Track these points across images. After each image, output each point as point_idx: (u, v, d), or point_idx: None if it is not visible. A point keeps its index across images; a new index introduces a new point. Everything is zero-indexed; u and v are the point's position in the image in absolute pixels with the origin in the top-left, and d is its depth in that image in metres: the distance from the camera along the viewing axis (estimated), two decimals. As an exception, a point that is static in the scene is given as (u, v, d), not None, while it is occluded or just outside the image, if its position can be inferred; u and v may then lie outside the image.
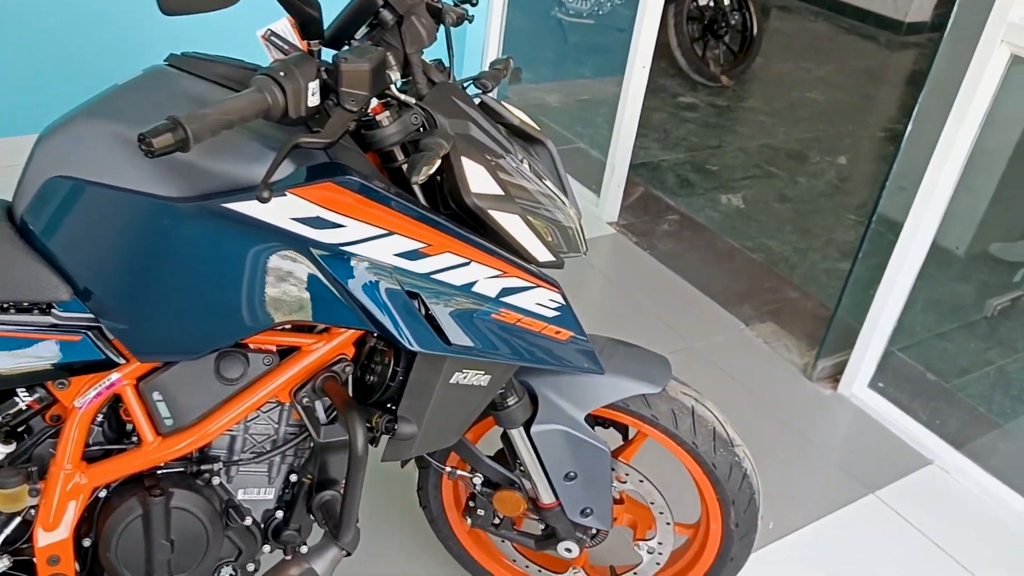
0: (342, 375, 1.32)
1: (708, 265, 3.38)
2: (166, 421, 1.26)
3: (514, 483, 1.61)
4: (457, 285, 1.24)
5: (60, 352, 1.19)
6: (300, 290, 1.19)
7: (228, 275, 1.18)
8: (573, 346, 1.39)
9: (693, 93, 5.17)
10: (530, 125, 1.47)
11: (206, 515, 1.31)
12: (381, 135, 1.22)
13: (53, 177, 1.15)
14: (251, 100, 1.03)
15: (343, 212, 1.15)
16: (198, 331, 1.21)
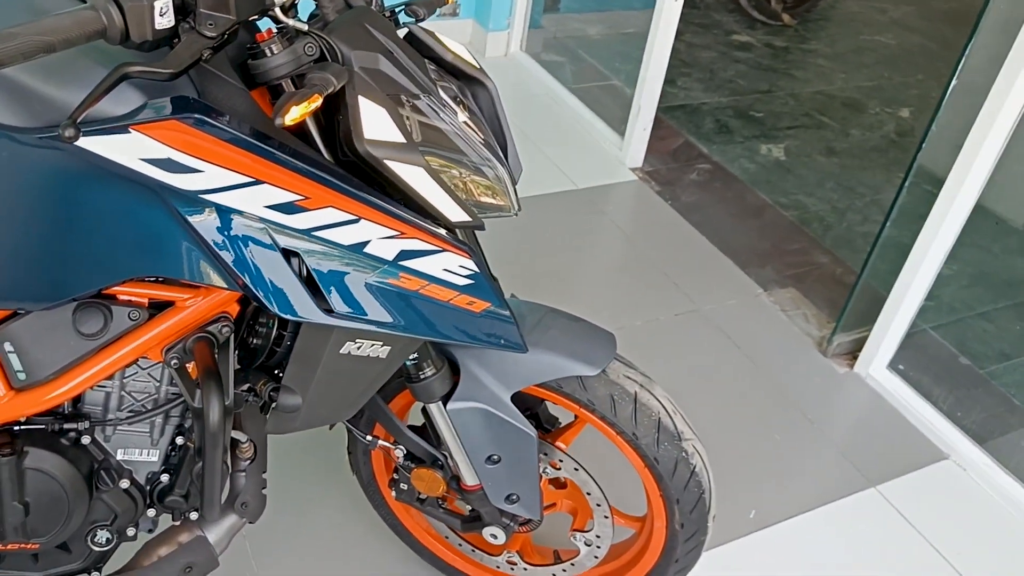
0: (220, 336, 1.18)
1: (733, 220, 3.14)
2: (19, 375, 1.14)
3: (437, 460, 1.46)
4: (345, 245, 1.08)
5: None
6: (156, 240, 1.04)
7: (76, 218, 1.04)
8: (489, 320, 1.21)
9: (750, 31, 4.81)
10: (467, 62, 1.28)
11: (66, 477, 1.20)
12: (266, 66, 1.04)
13: None
14: (79, 19, 0.86)
15: (199, 155, 0.99)
16: (47, 278, 1.07)
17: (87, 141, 0.98)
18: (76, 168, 1.01)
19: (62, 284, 1.08)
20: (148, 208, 1.03)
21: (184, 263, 1.06)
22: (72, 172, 1.01)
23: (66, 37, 0.85)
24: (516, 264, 2.68)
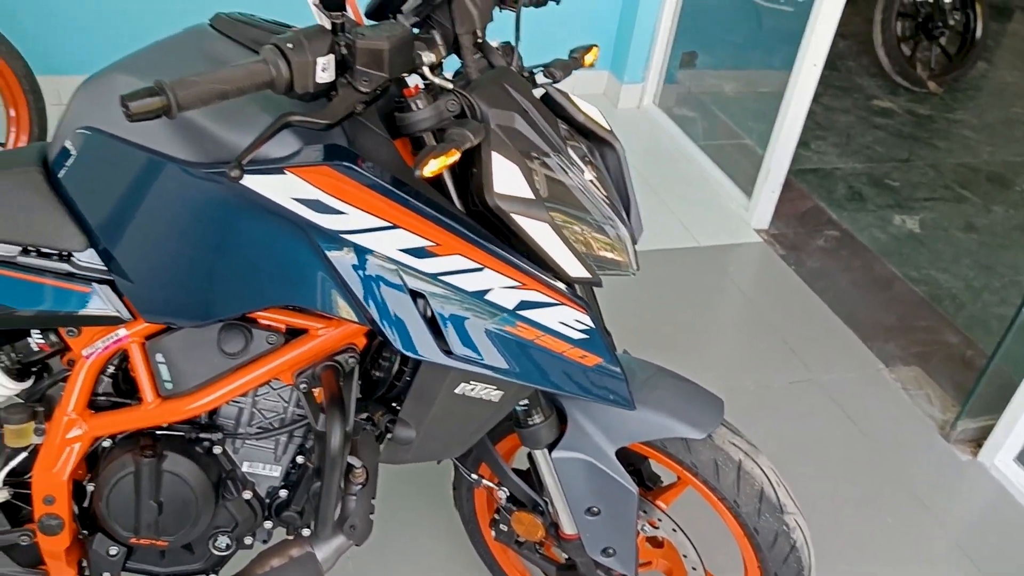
0: (346, 366, 1.26)
1: (859, 291, 3.06)
2: (166, 384, 1.25)
3: (538, 505, 1.49)
4: (468, 291, 1.14)
5: (72, 301, 1.19)
6: (298, 273, 1.13)
7: (231, 248, 1.14)
8: (600, 374, 1.24)
9: (892, 97, 4.70)
10: (598, 123, 1.33)
11: (197, 483, 1.30)
12: (411, 119, 1.13)
13: (82, 127, 1.15)
14: (251, 71, 0.96)
15: (344, 199, 1.08)
16: (200, 299, 1.18)
17: (247, 179, 1.09)
18: (233, 201, 1.11)
19: (213, 305, 1.18)
20: (294, 243, 1.12)
21: (321, 296, 1.14)
22: (230, 205, 1.12)
23: (239, 86, 0.96)
24: (632, 316, 2.70)
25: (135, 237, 1.16)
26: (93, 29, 3.31)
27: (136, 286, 1.18)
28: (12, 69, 2.65)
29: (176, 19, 3.36)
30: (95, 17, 3.29)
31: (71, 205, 1.18)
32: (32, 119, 2.73)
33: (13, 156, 1.22)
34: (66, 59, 3.31)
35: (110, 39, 3.34)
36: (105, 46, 3.34)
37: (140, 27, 3.35)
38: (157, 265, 1.17)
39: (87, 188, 1.17)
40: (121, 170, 1.14)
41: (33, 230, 1.17)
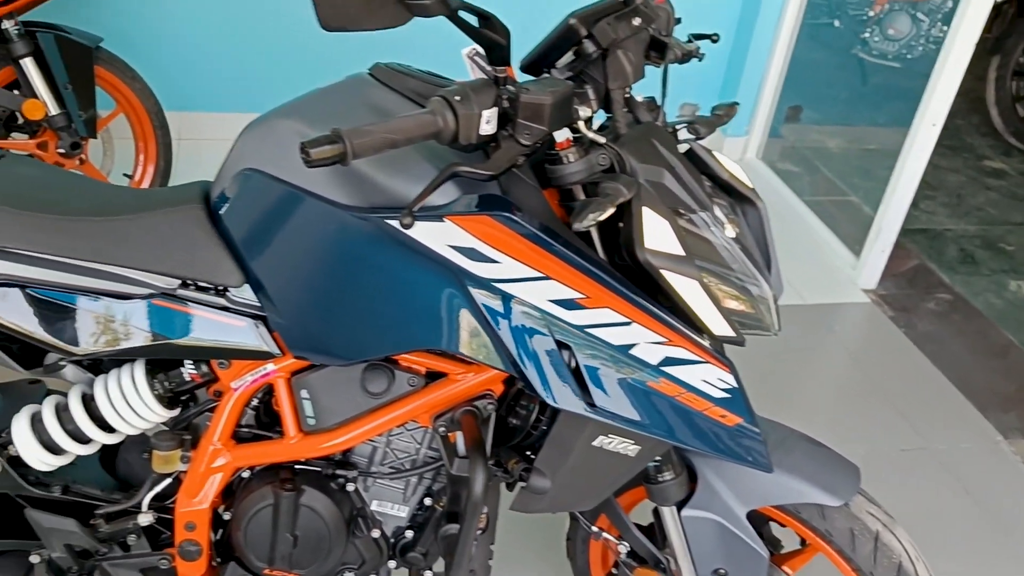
0: (484, 411, 1.27)
1: (973, 358, 2.95)
2: (309, 420, 1.28)
3: (659, 562, 1.47)
4: (614, 344, 1.14)
5: (226, 334, 1.24)
6: (448, 318, 1.15)
7: (382, 290, 1.17)
8: (739, 435, 1.22)
9: (1004, 158, 4.56)
10: (741, 181, 1.33)
11: (332, 519, 1.32)
12: (562, 172, 1.15)
13: (246, 168, 1.20)
14: (420, 122, 1.00)
15: (499, 248, 1.10)
16: (349, 339, 1.21)
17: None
18: (389, 246, 1.14)
19: (362, 346, 1.21)
20: (445, 289, 1.14)
21: (468, 342, 1.15)
22: (385, 249, 1.14)
23: (408, 136, 0.99)
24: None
25: (291, 276, 1.20)
26: (220, 68, 3.47)
27: (288, 324, 1.22)
28: (144, 105, 2.80)
29: (297, 58, 3.51)
30: (222, 56, 3.46)
31: (230, 242, 1.23)
32: (159, 153, 2.86)
33: (177, 193, 1.28)
34: (193, 96, 3.48)
35: (236, 78, 3.50)
36: (231, 85, 3.50)
37: (262, 66, 3.50)
38: (310, 304, 1.20)
39: (247, 227, 1.21)
40: (281, 211, 1.18)
41: (194, 265, 1.22)
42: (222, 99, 3.52)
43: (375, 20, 0.97)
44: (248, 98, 3.54)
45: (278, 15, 3.40)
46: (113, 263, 1.21)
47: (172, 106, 3.10)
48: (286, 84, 3.53)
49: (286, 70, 3.53)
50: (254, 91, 3.54)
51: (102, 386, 1.29)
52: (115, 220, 1.21)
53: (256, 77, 3.53)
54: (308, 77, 3.52)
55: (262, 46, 3.46)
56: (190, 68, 3.44)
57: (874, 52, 4.78)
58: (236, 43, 3.43)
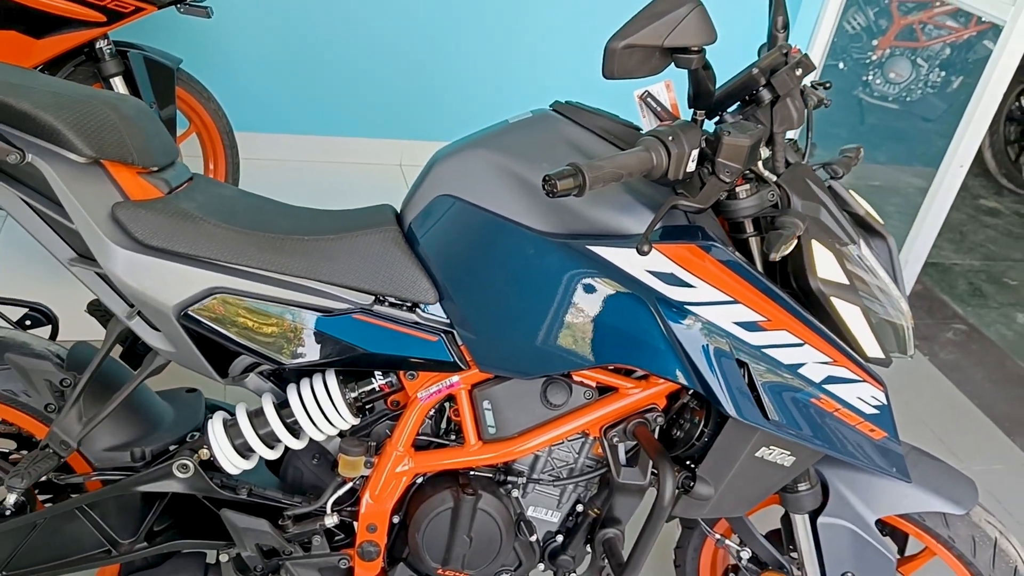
0: (652, 423, 1.38)
1: (994, 385, 3.13)
2: (489, 429, 1.38)
3: (783, 567, 1.59)
4: (785, 363, 1.26)
5: (416, 347, 1.33)
6: (638, 337, 1.26)
7: (574, 311, 1.27)
8: (884, 448, 1.36)
9: (997, 197, 4.82)
10: (874, 217, 1.47)
11: (504, 522, 1.41)
12: (737, 206, 1.27)
13: (443, 195, 1.30)
14: (640, 159, 1.11)
15: (697, 273, 1.22)
16: (537, 355, 1.31)
17: (605, 251, 1.23)
18: (583, 269, 1.25)
19: (548, 361, 1.31)
20: (636, 310, 1.25)
21: (654, 359, 1.27)
22: (579, 272, 1.25)
23: (630, 172, 1.11)
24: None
25: (483, 295, 1.30)
26: (284, 91, 3.57)
27: (478, 339, 1.32)
28: (216, 125, 2.87)
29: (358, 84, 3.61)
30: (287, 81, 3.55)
31: (425, 262, 1.33)
32: (228, 172, 2.93)
33: (370, 215, 1.38)
34: (260, 118, 3.57)
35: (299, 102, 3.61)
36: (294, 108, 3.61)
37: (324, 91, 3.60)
38: (501, 322, 1.30)
39: (444, 248, 1.31)
40: (478, 235, 1.29)
41: (390, 282, 1.32)
42: (286, 121, 3.61)
43: (643, 70, 1.09)
44: (309, 121, 3.64)
45: (335, 44, 3.51)
46: (320, 279, 1.30)
47: (242, 127, 3.18)
48: (341, 109, 3.64)
49: (347, 95, 3.64)
50: (315, 115, 3.64)
51: (295, 393, 1.37)
52: (322, 240, 1.31)
53: (319, 101, 3.63)
54: (359, 103, 3.64)
55: (325, 71, 3.57)
56: (256, 90, 3.53)
57: (876, 95, 5.03)
58: (300, 67, 3.53)
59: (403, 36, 3.55)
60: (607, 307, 1.26)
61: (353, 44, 3.52)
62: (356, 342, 1.32)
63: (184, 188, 1.38)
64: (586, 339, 1.28)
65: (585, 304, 1.27)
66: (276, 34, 3.43)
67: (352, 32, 3.50)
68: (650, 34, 1.05)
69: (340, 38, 3.50)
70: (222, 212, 1.33)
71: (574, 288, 1.27)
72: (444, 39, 3.60)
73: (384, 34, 3.53)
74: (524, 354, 1.31)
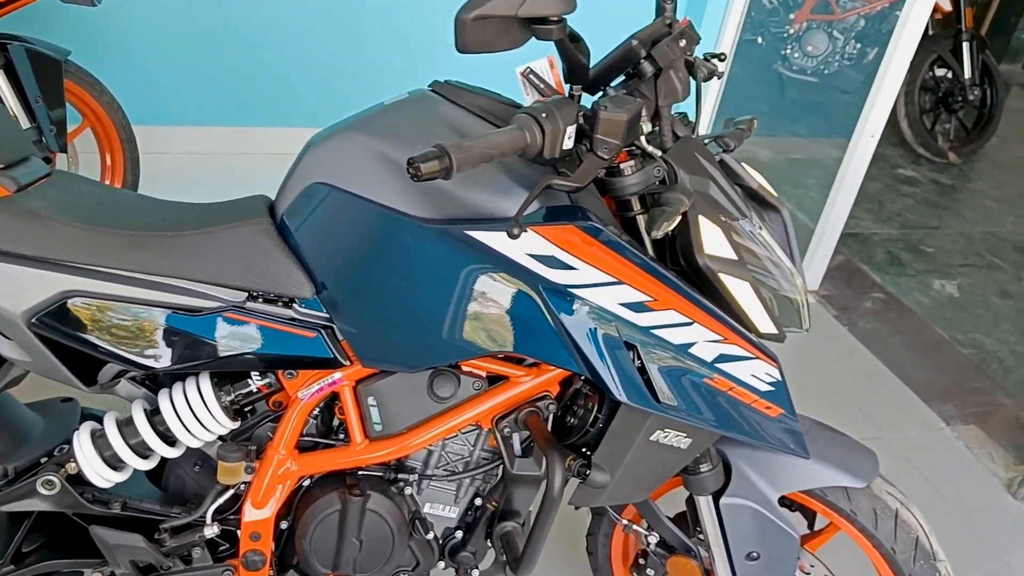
0: (544, 412, 1.33)
1: (911, 352, 3.18)
2: (375, 426, 1.32)
3: (690, 550, 1.56)
4: (675, 344, 1.23)
5: (294, 345, 1.26)
6: (523, 324, 1.21)
7: (457, 299, 1.22)
8: (781, 424, 1.33)
9: (915, 166, 4.90)
10: (767, 190, 1.44)
11: (396, 522, 1.35)
12: (622, 183, 1.22)
13: (316, 183, 1.23)
14: (512, 137, 1.06)
15: (577, 255, 1.17)
16: (421, 347, 1.25)
17: (483, 235, 1.18)
18: (463, 256, 1.19)
19: (434, 353, 1.25)
20: (519, 295, 1.20)
21: (541, 345, 1.22)
22: (459, 259, 1.20)
23: (502, 151, 1.05)
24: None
25: (362, 287, 1.24)
26: (185, 82, 3.42)
27: (359, 333, 1.25)
28: (111, 119, 2.74)
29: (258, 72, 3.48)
30: (187, 71, 3.40)
31: (299, 255, 1.26)
32: (127, 167, 2.81)
33: (241, 207, 1.30)
34: (160, 110, 3.42)
35: (200, 92, 3.46)
36: (195, 98, 3.45)
37: (225, 80, 3.47)
38: (382, 314, 1.24)
39: (318, 239, 1.25)
40: (353, 224, 1.22)
41: (265, 277, 1.25)
42: (190, 113, 3.46)
43: (501, 43, 1.03)
44: (215, 112, 3.50)
45: (239, 29, 3.38)
46: (186, 277, 1.23)
47: (140, 120, 3.04)
48: (241, 99, 3.51)
49: (254, 83, 3.50)
50: (221, 104, 3.50)
51: (167, 399, 1.29)
52: (187, 235, 1.23)
53: (224, 90, 3.49)
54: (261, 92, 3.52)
55: (229, 58, 3.43)
56: (156, 81, 3.38)
57: (795, 68, 5.06)
58: (201, 55, 3.39)
59: (311, 17, 3.43)
60: (490, 294, 1.21)
61: (257, 28, 3.39)
62: (228, 342, 1.25)
63: (38, 186, 1.29)
64: (470, 328, 1.23)
65: (467, 291, 1.21)
66: (174, 20, 3.29)
67: (255, 15, 3.37)
68: (503, 4, 0.99)
69: (243, 22, 3.37)
70: (78, 210, 1.24)
71: (455, 275, 1.21)
72: (350, 20, 3.49)
73: (291, 16, 3.40)
74: (407, 346, 1.26)
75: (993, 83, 5.05)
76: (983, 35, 5.15)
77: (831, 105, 5.18)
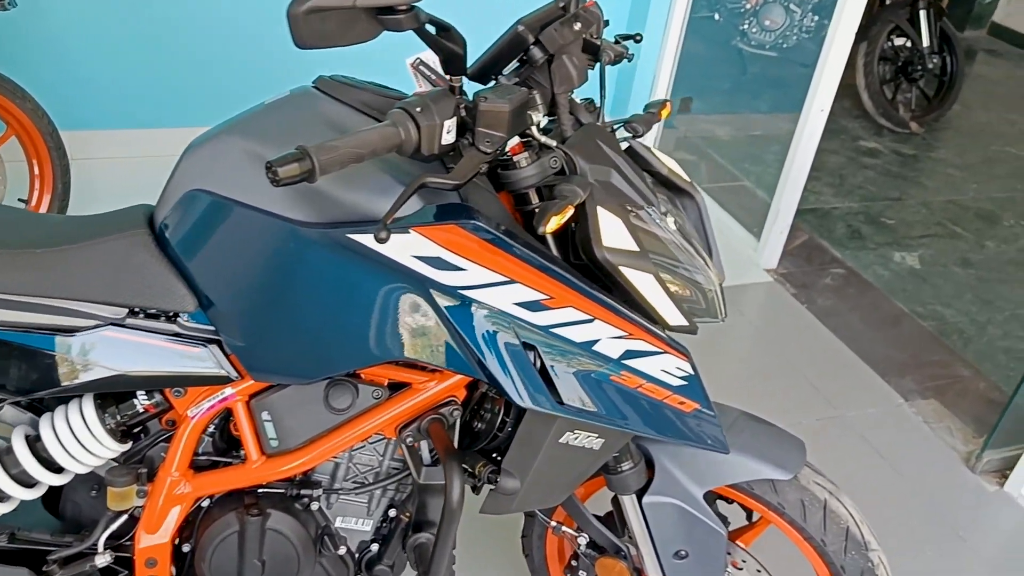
0: (449, 418, 1.28)
1: (870, 328, 3.14)
2: (271, 442, 1.26)
3: (620, 550, 1.51)
4: (577, 342, 1.17)
5: (180, 361, 1.20)
6: (414, 329, 1.15)
7: (345, 305, 1.16)
8: (697, 419, 1.28)
9: (877, 138, 4.86)
10: (679, 175, 1.38)
11: (300, 540, 1.30)
12: (517, 176, 1.16)
13: (193, 189, 1.17)
14: (383, 134, 1.00)
15: (465, 255, 1.11)
16: (312, 357, 1.19)
17: (366, 239, 1.11)
18: (349, 260, 1.13)
19: (325, 363, 1.19)
20: (410, 299, 1.14)
21: (436, 351, 1.16)
22: (345, 264, 1.14)
23: (373, 149, 0.99)
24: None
25: (246, 297, 1.18)
26: (116, 84, 3.32)
27: (246, 346, 1.19)
28: (36, 126, 2.65)
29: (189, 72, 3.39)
30: (118, 72, 3.30)
31: (180, 266, 1.19)
32: (56, 175, 2.72)
33: (118, 218, 1.23)
34: (90, 114, 3.32)
35: (128, 94, 3.35)
36: (124, 101, 3.35)
37: (163, 81, 3.37)
38: (269, 325, 1.18)
39: (199, 250, 1.18)
40: (233, 231, 1.16)
41: (143, 292, 1.18)
42: (121, 116, 3.36)
43: (348, 36, 0.96)
44: (148, 114, 3.40)
45: (169, 27, 3.28)
46: (58, 296, 1.16)
47: (70, 125, 2.95)
48: (179, 98, 3.42)
49: (178, 84, 3.40)
50: (154, 106, 3.40)
51: (48, 425, 1.23)
52: (57, 251, 1.16)
53: (153, 92, 3.39)
54: (200, 91, 3.42)
55: (153, 61, 3.33)
56: (85, 86, 3.28)
57: (753, 43, 5.00)
58: (126, 59, 3.29)
59: (244, 15, 3.34)
60: (379, 298, 1.15)
61: (189, 25, 3.29)
62: (108, 361, 1.19)
63: None
64: (361, 335, 1.17)
65: (355, 297, 1.15)
66: (97, 21, 3.18)
67: (185, 13, 3.27)
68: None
69: (172, 20, 3.26)
70: None
71: (340, 281, 1.15)
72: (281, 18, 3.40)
73: (223, 14, 3.31)
74: (296, 357, 1.20)
75: (953, 50, 5.01)
76: (940, 2, 5.10)
77: (790, 79, 5.10)
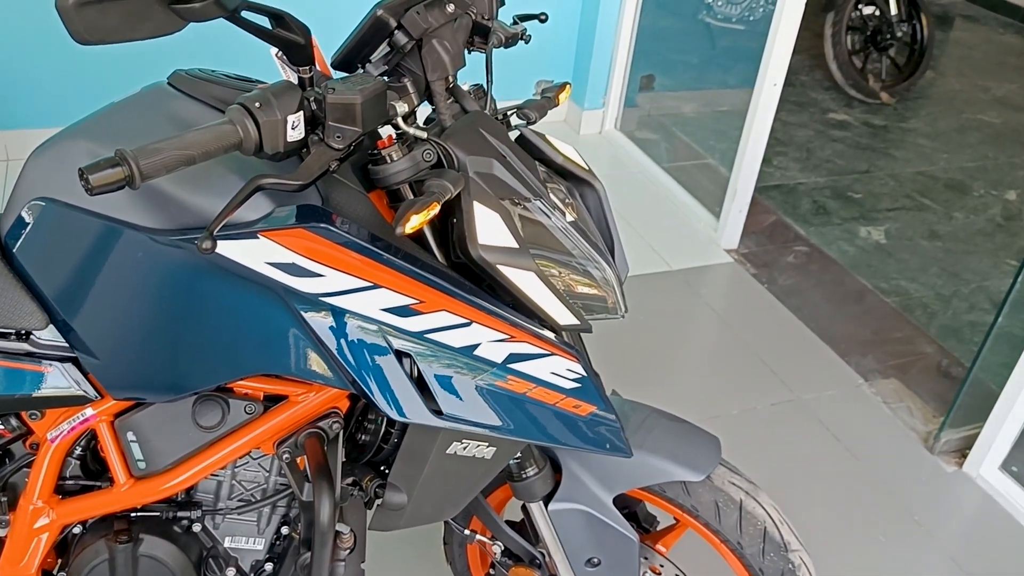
0: (330, 431, 1.20)
1: (831, 306, 3.06)
2: (139, 463, 1.19)
3: (535, 559, 1.44)
4: (456, 347, 1.09)
5: (32, 382, 1.13)
6: (277, 340, 1.08)
7: (202, 316, 1.08)
8: (595, 423, 1.20)
9: (847, 110, 4.76)
10: (576, 163, 1.30)
11: (178, 564, 1.23)
12: (386, 172, 1.08)
13: (37, 198, 1.09)
14: (217, 133, 0.91)
15: (320, 260, 1.03)
16: (171, 373, 1.12)
17: (218, 246, 1.03)
18: (203, 269, 1.06)
19: (187, 378, 1.12)
20: (270, 308, 1.06)
21: (301, 362, 1.09)
22: (199, 272, 1.06)
23: (205, 150, 0.90)
24: (609, 347, 2.66)
25: (99, 311, 1.10)
26: (49, 81, 3.22)
27: (102, 363, 1.12)
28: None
29: (140, 70, 3.28)
30: (51, 69, 3.20)
31: (28, 281, 1.11)
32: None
33: (-39, 232, 1.15)
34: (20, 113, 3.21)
35: (68, 91, 3.25)
36: (63, 98, 3.26)
37: (100, 79, 3.27)
38: (124, 339, 1.10)
39: (45, 262, 1.10)
40: (81, 242, 1.08)
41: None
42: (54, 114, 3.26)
43: (142, 29, 0.87)
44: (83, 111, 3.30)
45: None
46: None
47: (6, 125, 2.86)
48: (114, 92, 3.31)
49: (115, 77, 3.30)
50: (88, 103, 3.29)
51: None
52: None
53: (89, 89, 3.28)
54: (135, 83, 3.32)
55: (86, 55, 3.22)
56: (15, 83, 3.17)
57: (719, 16, 4.89)
58: (57, 54, 3.18)
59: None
60: (237, 309, 1.07)
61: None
62: (-47, 386, 1.11)
63: None
64: (221, 349, 1.09)
65: (212, 308, 1.07)
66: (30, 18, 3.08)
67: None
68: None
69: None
70: None
71: (194, 291, 1.07)
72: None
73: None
74: (155, 374, 1.12)
75: (922, 17, 4.90)
76: (910, -33, 4.99)
77: (756, 52, 5.02)
